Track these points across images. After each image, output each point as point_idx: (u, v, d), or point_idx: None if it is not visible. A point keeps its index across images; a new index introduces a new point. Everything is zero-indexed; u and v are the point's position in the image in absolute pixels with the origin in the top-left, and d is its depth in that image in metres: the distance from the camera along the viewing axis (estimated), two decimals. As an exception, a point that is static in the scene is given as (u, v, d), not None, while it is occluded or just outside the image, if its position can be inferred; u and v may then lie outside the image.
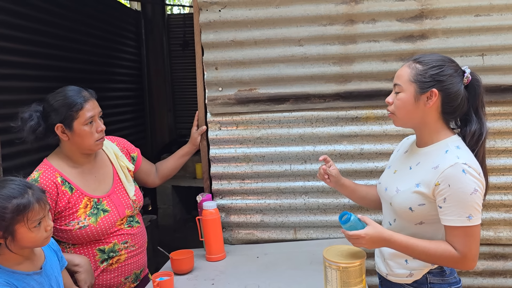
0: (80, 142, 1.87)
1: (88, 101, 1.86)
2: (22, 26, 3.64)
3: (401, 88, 1.55)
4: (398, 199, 1.59)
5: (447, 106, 1.53)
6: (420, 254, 1.51)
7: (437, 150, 1.54)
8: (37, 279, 1.52)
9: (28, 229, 1.45)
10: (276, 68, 2.30)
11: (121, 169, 2.06)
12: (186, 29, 7.02)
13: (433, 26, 2.18)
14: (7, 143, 3.16)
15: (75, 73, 4.55)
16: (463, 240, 1.45)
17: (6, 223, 1.41)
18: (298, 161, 2.36)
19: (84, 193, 1.90)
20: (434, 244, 1.49)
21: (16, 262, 1.50)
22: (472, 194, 1.43)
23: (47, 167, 1.87)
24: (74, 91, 1.86)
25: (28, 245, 1.50)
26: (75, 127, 1.84)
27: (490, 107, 2.21)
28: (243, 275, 1.99)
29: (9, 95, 3.42)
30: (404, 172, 1.64)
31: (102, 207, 1.92)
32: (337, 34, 2.24)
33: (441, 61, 1.53)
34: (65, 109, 1.82)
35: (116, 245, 1.93)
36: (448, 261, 1.49)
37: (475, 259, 1.47)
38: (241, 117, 2.38)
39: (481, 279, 2.32)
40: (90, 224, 1.86)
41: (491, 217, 2.26)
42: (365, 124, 2.30)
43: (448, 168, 1.45)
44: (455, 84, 1.51)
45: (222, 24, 2.29)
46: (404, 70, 1.56)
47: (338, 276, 1.56)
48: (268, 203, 2.40)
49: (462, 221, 1.44)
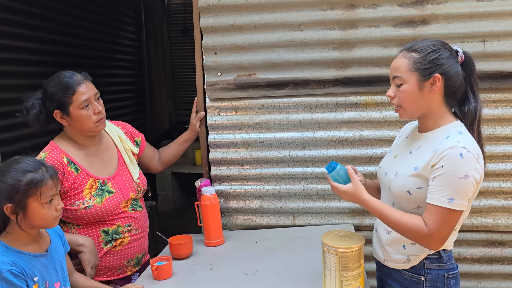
0: (79, 126, 1.88)
1: (81, 84, 1.85)
2: (21, 11, 3.61)
3: (402, 79, 1.53)
4: (397, 182, 1.58)
5: (449, 89, 1.52)
6: (391, 223, 1.52)
7: (438, 135, 1.53)
8: (42, 261, 1.54)
9: (40, 204, 1.46)
10: (276, 53, 2.28)
11: (126, 152, 2.08)
12: (186, 15, 6.95)
13: (434, 11, 2.15)
14: (7, 128, 3.16)
15: (74, 59, 4.53)
16: (436, 219, 1.44)
17: (19, 196, 1.43)
18: (297, 147, 2.36)
19: (90, 174, 1.92)
20: (408, 216, 1.50)
21: (23, 243, 1.51)
22: (461, 179, 1.41)
23: (54, 148, 1.89)
24: (66, 76, 1.85)
25: (38, 223, 1.51)
26: (72, 111, 1.84)
27: (491, 94, 2.20)
28: (242, 260, 1.99)
29: (9, 79, 3.41)
30: (404, 157, 1.63)
31: (107, 188, 1.94)
32: (338, 19, 2.22)
33: (436, 45, 1.52)
34: (59, 95, 1.82)
35: (120, 227, 1.95)
36: (415, 235, 1.49)
37: (441, 241, 1.48)
38: (240, 102, 2.37)
39: (479, 265, 2.33)
40: (95, 205, 1.88)
41: (490, 204, 2.26)
42: (365, 110, 2.29)
43: (447, 149, 1.44)
44: (454, 65, 1.51)
45: (221, 8, 2.27)
46: (401, 61, 1.54)
47: (337, 261, 1.56)
48: (267, 189, 2.40)
49: (442, 202, 1.43)
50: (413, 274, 1.61)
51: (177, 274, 1.90)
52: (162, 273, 1.85)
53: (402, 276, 1.63)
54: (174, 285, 1.82)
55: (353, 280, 1.58)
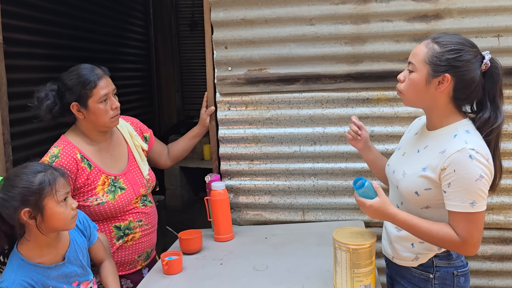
0: (95, 119, 1.88)
1: (102, 78, 1.87)
2: (29, 4, 3.61)
3: (415, 67, 1.50)
4: (405, 182, 1.57)
5: (459, 92, 1.48)
6: (422, 234, 1.49)
7: (446, 134, 1.51)
8: (58, 270, 1.54)
9: (57, 203, 1.45)
10: (287, 47, 2.27)
11: (136, 148, 2.09)
12: (194, 9, 6.93)
13: (448, 6, 2.13)
14: (16, 122, 3.17)
15: (83, 53, 4.53)
16: (465, 226, 1.43)
17: (35, 197, 1.42)
18: (307, 143, 2.34)
19: (102, 170, 1.92)
20: (437, 226, 1.47)
21: (39, 254, 1.50)
22: (477, 181, 1.40)
23: (66, 143, 1.89)
24: (88, 69, 1.86)
25: (58, 224, 1.49)
26: (90, 105, 1.85)
27: (505, 90, 2.15)
28: (252, 256, 1.99)
29: (18, 73, 3.41)
30: (412, 155, 1.61)
31: (119, 184, 1.94)
32: (350, 13, 2.19)
33: (461, 45, 1.46)
34: (79, 88, 1.83)
35: (132, 223, 1.96)
36: (449, 245, 1.48)
37: (476, 245, 1.45)
38: (251, 97, 2.35)
39: (490, 263, 2.31)
40: (108, 201, 1.89)
41: (502, 202, 2.24)
42: (376, 105, 2.27)
43: (455, 153, 1.42)
44: (471, 71, 1.45)
45: (232, 2, 2.25)
46: (421, 49, 1.50)
47: (348, 258, 1.55)
48: (277, 184, 2.39)
49: (465, 207, 1.41)
50: (422, 272, 1.60)
51: (187, 269, 1.90)
52: (172, 268, 1.85)
53: (411, 274, 1.62)
54: (184, 279, 1.82)
55: (364, 277, 1.57)
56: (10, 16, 3.25)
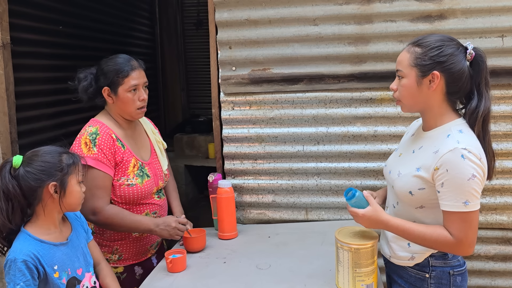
0: (122, 107, 1.96)
1: (135, 70, 1.96)
2: (36, 4, 3.64)
3: (403, 73, 1.53)
4: (399, 182, 1.58)
5: (451, 86, 1.50)
6: (416, 238, 1.51)
7: (439, 134, 1.52)
8: (63, 250, 1.59)
9: (77, 182, 1.58)
10: (291, 47, 2.28)
11: (157, 143, 2.17)
12: (200, 8, 6.95)
13: (452, 6, 2.13)
14: (23, 120, 3.20)
15: (89, 52, 4.55)
16: (458, 225, 1.43)
17: (62, 173, 1.53)
18: (311, 142, 2.35)
19: (133, 153, 2.00)
20: (431, 228, 1.49)
21: (46, 231, 1.56)
22: (469, 180, 1.41)
23: (101, 124, 1.96)
24: (124, 59, 1.97)
25: (75, 202, 1.59)
26: (120, 92, 1.94)
27: (509, 90, 2.16)
28: (255, 254, 2.01)
29: (25, 72, 3.44)
30: (408, 156, 1.63)
31: (145, 171, 2.02)
32: (353, 13, 2.20)
33: (440, 41, 1.49)
34: (113, 74, 1.93)
35: (148, 215, 2.03)
36: (443, 246, 1.49)
37: (471, 245, 1.46)
38: (255, 97, 2.37)
39: (493, 263, 2.31)
40: (137, 184, 1.96)
41: (505, 202, 2.24)
42: (380, 105, 2.28)
43: (447, 152, 1.43)
44: (458, 63, 1.47)
45: (236, 2, 2.27)
46: (404, 55, 1.54)
47: (350, 257, 1.56)
48: (280, 184, 2.41)
49: (458, 207, 1.42)
50: (418, 271, 1.61)
51: (191, 267, 1.91)
52: (176, 266, 1.87)
53: (407, 273, 1.64)
54: (188, 277, 1.84)
55: (366, 277, 1.58)
56: (18, 16, 3.28)
